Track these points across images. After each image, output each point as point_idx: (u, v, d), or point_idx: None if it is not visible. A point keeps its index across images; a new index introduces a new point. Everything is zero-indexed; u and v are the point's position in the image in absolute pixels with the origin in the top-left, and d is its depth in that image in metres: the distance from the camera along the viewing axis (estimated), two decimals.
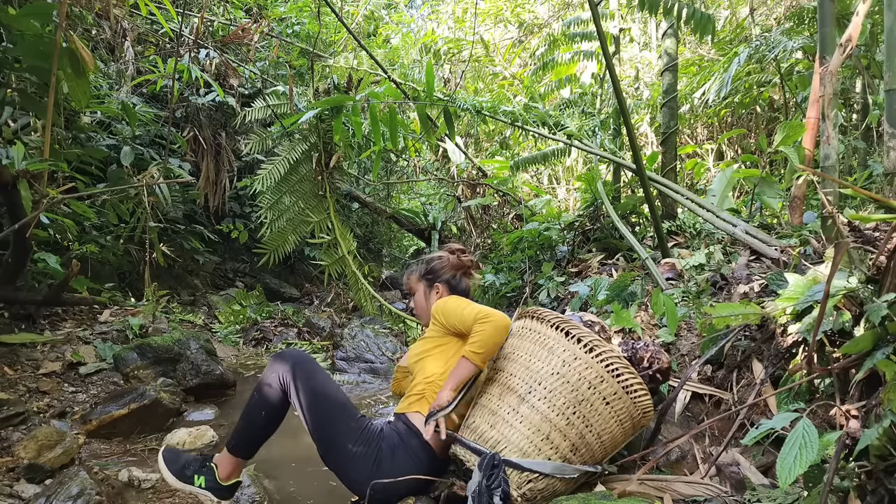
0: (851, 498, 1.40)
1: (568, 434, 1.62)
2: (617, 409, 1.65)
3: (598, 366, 1.61)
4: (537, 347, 1.68)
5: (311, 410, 1.71)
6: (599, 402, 1.62)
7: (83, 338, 3.48)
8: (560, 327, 1.66)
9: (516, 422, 1.62)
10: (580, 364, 1.62)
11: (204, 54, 5.47)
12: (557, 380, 1.62)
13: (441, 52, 7.63)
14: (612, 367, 1.61)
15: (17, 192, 2.92)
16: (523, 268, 4.61)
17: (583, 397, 1.62)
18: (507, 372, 1.71)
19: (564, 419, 1.61)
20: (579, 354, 1.62)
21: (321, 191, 5.19)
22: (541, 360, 1.66)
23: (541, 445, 1.61)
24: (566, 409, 1.61)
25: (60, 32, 2.68)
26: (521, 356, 1.70)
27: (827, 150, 2.32)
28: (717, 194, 3.92)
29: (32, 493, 2.00)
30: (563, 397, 1.62)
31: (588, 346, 1.62)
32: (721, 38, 6.50)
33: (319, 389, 1.73)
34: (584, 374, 1.61)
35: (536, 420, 1.62)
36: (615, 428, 1.68)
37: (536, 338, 1.70)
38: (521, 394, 1.65)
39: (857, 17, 2.35)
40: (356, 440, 1.66)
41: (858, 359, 1.56)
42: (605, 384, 1.62)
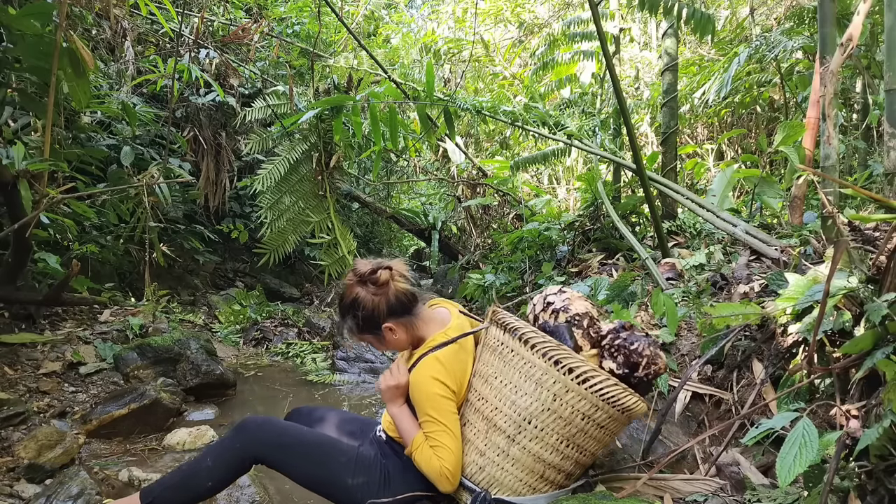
0: (851, 498, 1.40)
1: (563, 467, 1.53)
2: (612, 429, 1.56)
3: (592, 396, 1.45)
4: (523, 379, 1.48)
5: (298, 468, 1.62)
6: (594, 428, 1.50)
7: (83, 338, 3.48)
8: (548, 354, 1.45)
9: (507, 464, 1.50)
10: (573, 396, 1.45)
11: (204, 54, 5.47)
12: (549, 416, 1.47)
13: (441, 52, 7.62)
14: (607, 395, 1.45)
15: (17, 191, 2.92)
16: (523, 268, 4.61)
17: (577, 429, 1.48)
18: (489, 403, 1.53)
19: (559, 455, 1.50)
20: (572, 386, 1.44)
21: (321, 191, 5.19)
22: (528, 395, 1.47)
23: (535, 484, 1.52)
24: (560, 444, 1.49)
25: (60, 32, 2.68)
26: (505, 386, 1.51)
27: (827, 150, 2.32)
28: (718, 194, 3.92)
29: (32, 493, 2.00)
30: (556, 433, 1.48)
31: (581, 377, 1.44)
32: (721, 38, 6.50)
33: (296, 446, 1.62)
34: (577, 406, 1.45)
35: (529, 462, 1.50)
36: (608, 441, 1.61)
37: (520, 365, 1.49)
38: (509, 434, 1.50)
39: (857, 16, 2.35)
40: (353, 473, 1.58)
41: (858, 358, 1.56)
42: (599, 412, 1.47)
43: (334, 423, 1.86)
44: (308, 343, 4.98)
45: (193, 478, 1.61)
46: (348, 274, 1.72)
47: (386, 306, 1.65)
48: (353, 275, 1.69)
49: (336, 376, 4.09)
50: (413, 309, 1.69)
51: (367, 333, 1.71)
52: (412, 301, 1.70)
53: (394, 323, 1.67)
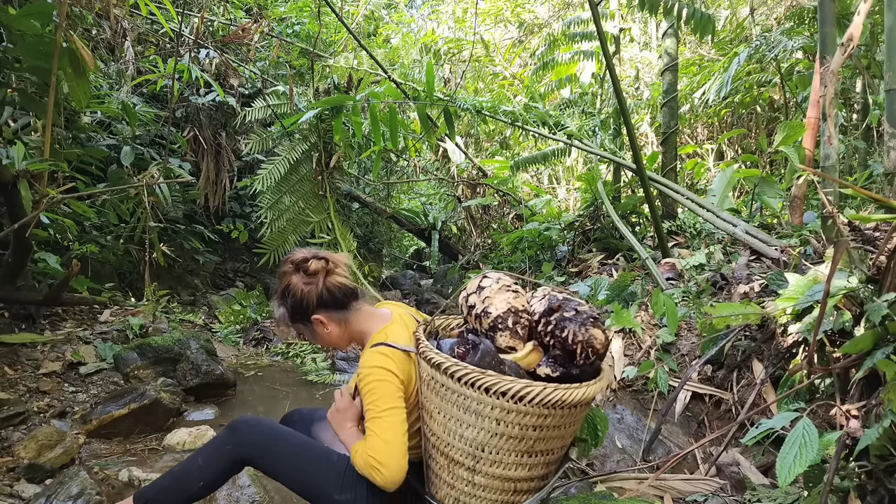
0: (851, 498, 1.40)
1: (534, 475, 1.49)
2: (572, 422, 1.49)
3: (535, 409, 1.38)
4: (462, 411, 1.43)
5: (287, 476, 1.60)
6: (550, 431, 1.44)
7: (83, 338, 3.48)
8: (476, 384, 1.37)
9: (478, 492, 1.49)
10: (515, 416, 1.38)
11: (204, 54, 5.47)
12: (499, 440, 1.42)
13: (441, 52, 7.63)
14: (549, 402, 1.37)
15: (17, 191, 2.92)
16: (523, 268, 4.61)
17: (533, 440, 1.43)
18: (441, 440, 1.50)
19: (524, 468, 1.46)
20: (510, 407, 1.37)
21: (321, 191, 5.19)
22: (473, 426, 1.43)
23: (511, 499, 1.50)
24: (521, 459, 1.45)
25: (60, 32, 2.68)
26: (449, 421, 1.46)
27: (827, 150, 2.32)
28: (718, 194, 3.92)
29: (33, 493, 2.00)
30: (513, 452, 1.43)
31: (517, 396, 1.36)
32: (721, 38, 6.50)
33: (286, 455, 1.58)
34: (523, 422, 1.39)
35: (497, 484, 1.47)
36: (575, 429, 1.54)
37: (454, 399, 1.43)
38: (468, 466, 1.47)
39: (857, 16, 2.35)
40: (341, 488, 1.55)
41: (858, 358, 1.56)
42: (549, 419, 1.41)
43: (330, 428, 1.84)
44: (308, 343, 4.98)
45: (185, 479, 1.59)
46: (286, 261, 1.69)
47: (316, 297, 1.62)
48: (289, 262, 1.67)
49: (336, 376, 4.09)
50: (348, 304, 1.65)
51: (298, 323, 1.67)
52: (347, 296, 1.65)
53: (324, 315, 1.63)
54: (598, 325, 1.47)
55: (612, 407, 2.43)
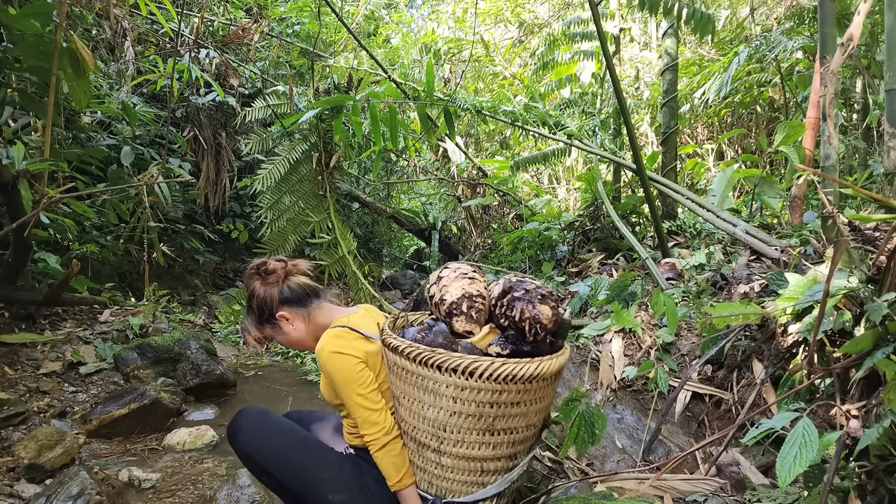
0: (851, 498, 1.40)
1: (499, 454, 1.51)
2: (533, 399, 1.49)
3: (488, 384, 1.40)
4: (420, 392, 1.47)
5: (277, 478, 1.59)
6: (509, 409, 1.46)
7: (83, 338, 3.48)
8: (429, 362, 1.42)
9: (446, 473, 1.51)
10: (470, 392, 1.42)
11: (204, 54, 5.47)
12: (458, 418, 1.45)
13: (441, 51, 7.63)
14: (500, 377, 1.39)
15: (17, 191, 2.92)
16: (523, 268, 4.61)
17: (492, 418, 1.45)
18: (409, 423, 1.55)
19: (488, 447, 1.49)
20: (463, 384, 1.41)
21: (321, 191, 5.19)
22: (432, 406, 1.47)
23: (479, 479, 1.52)
24: (483, 437, 1.47)
25: (60, 32, 2.68)
26: (413, 404, 1.51)
27: (827, 150, 2.32)
28: (718, 194, 3.92)
29: (33, 493, 2.00)
30: (474, 430, 1.46)
31: (468, 372, 1.39)
32: (721, 38, 6.50)
33: (278, 453, 1.58)
34: (478, 398, 1.42)
35: (463, 465, 1.50)
36: (539, 408, 1.54)
37: (413, 380, 1.48)
38: (433, 447, 1.50)
39: (857, 16, 2.35)
40: (335, 489, 1.56)
41: (859, 358, 1.56)
42: (504, 394, 1.43)
43: (329, 429, 1.84)
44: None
45: None
46: (247, 270, 1.76)
47: (279, 295, 1.69)
48: (250, 270, 1.74)
49: None
50: (310, 300, 1.71)
51: (265, 324, 1.72)
52: (310, 294, 1.72)
53: (288, 312, 1.69)
54: (547, 302, 1.51)
55: (612, 407, 2.43)
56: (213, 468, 2.29)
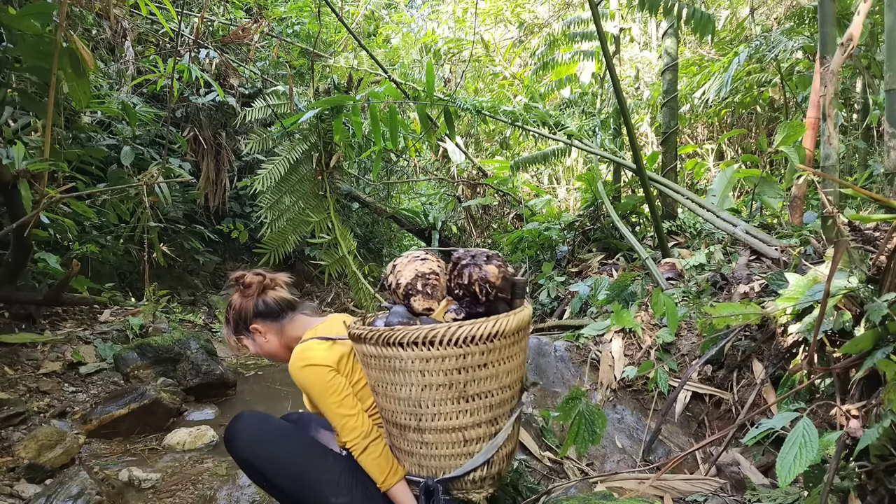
0: (851, 498, 1.40)
1: (480, 419, 1.51)
2: (499, 359, 1.49)
3: (449, 349, 1.43)
4: (390, 374, 1.50)
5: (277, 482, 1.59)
6: (478, 372, 1.47)
7: (83, 338, 3.48)
8: (389, 340, 1.45)
9: (432, 451, 1.52)
10: (434, 362, 1.44)
11: (204, 54, 5.47)
12: (429, 391, 1.46)
13: (441, 51, 7.62)
14: (458, 339, 1.41)
15: (17, 191, 2.92)
16: (524, 268, 4.61)
17: (463, 383, 1.46)
18: (388, 410, 1.57)
19: (467, 415, 1.49)
20: (425, 354, 1.43)
21: (321, 191, 5.19)
22: (404, 386, 1.49)
23: (465, 450, 1.52)
24: (458, 405, 1.48)
25: (60, 32, 2.68)
26: (387, 389, 1.53)
27: (827, 150, 2.32)
28: (718, 194, 3.92)
29: (33, 493, 2.00)
30: (449, 400, 1.47)
31: (427, 341, 1.42)
32: (721, 38, 6.50)
33: (277, 458, 1.58)
34: (444, 366, 1.44)
35: (446, 438, 1.50)
36: (510, 368, 1.53)
37: (381, 364, 1.51)
38: (414, 427, 1.52)
39: (857, 16, 2.35)
40: (336, 492, 1.57)
41: (859, 358, 1.56)
42: (468, 357, 1.44)
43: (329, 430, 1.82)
44: None
45: None
46: (228, 280, 1.83)
47: (253, 308, 1.74)
48: (231, 280, 1.81)
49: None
50: (283, 315, 1.76)
51: (239, 334, 1.78)
52: (284, 308, 1.77)
53: (261, 324, 1.75)
54: (493, 262, 1.56)
55: (612, 407, 2.43)
56: (213, 468, 2.29)
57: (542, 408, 2.43)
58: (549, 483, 2.02)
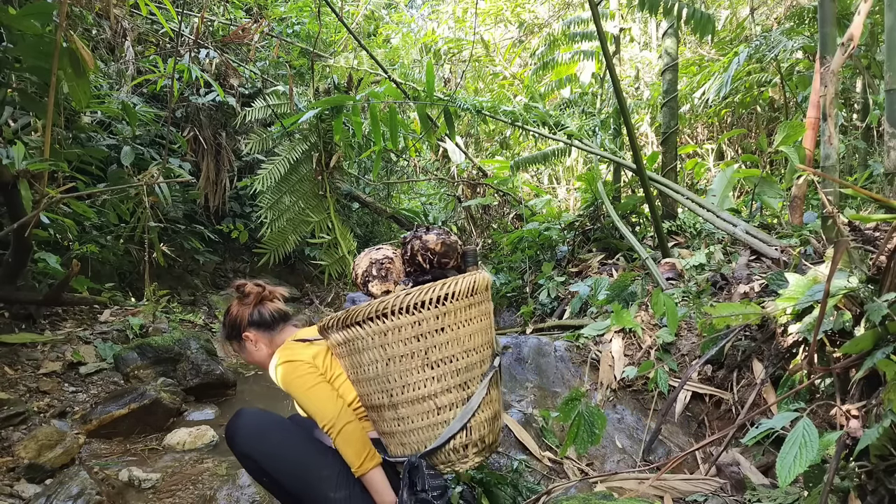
0: (852, 498, 1.40)
1: (448, 385, 1.51)
2: (456, 322, 1.50)
3: (404, 318, 1.45)
4: (357, 357, 1.54)
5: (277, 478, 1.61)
6: (436, 337, 1.48)
7: (83, 338, 3.48)
8: (347, 321, 1.51)
9: (409, 425, 1.53)
10: (392, 334, 1.47)
11: (204, 54, 5.47)
12: (394, 364, 1.49)
13: (441, 51, 7.62)
14: (409, 305, 1.44)
15: (17, 191, 2.92)
16: (523, 268, 4.61)
17: (424, 350, 1.47)
18: (363, 396, 1.60)
19: (434, 382, 1.49)
20: (381, 327, 1.47)
21: (321, 191, 5.19)
22: (370, 363, 1.52)
23: (440, 418, 1.51)
24: (424, 373, 1.49)
25: (60, 32, 2.68)
26: (358, 373, 1.57)
27: (827, 150, 2.32)
28: (718, 194, 3.92)
29: (33, 493, 2.00)
30: (414, 370, 1.49)
31: (380, 313, 1.46)
32: (721, 38, 6.51)
33: (277, 454, 1.61)
34: (402, 336, 1.47)
35: (419, 409, 1.51)
36: (471, 331, 1.53)
37: (348, 349, 1.55)
38: (387, 404, 1.54)
39: (858, 16, 2.35)
40: (336, 487, 1.58)
41: (859, 358, 1.56)
42: (424, 323, 1.46)
43: None
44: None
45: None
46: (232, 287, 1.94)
47: (249, 317, 1.83)
48: (233, 287, 1.91)
49: None
50: (276, 325, 1.84)
51: (232, 339, 1.87)
52: (278, 319, 1.85)
53: (253, 333, 1.82)
54: (432, 232, 1.66)
55: (612, 407, 2.43)
56: (213, 468, 2.29)
57: (542, 408, 2.43)
58: (549, 483, 2.02)
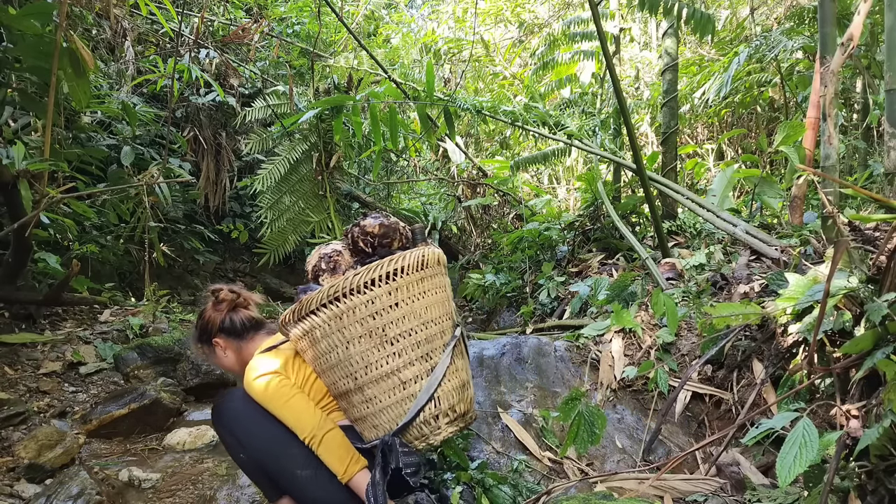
0: (851, 498, 1.40)
1: (410, 358, 1.51)
2: (409, 296, 1.51)
3: (356, 298, 1.47)
4: (317, 345, 1.56)
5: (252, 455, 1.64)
6: (390, 314, 1.49)
7: (83, 338, 3.48)
8: (302, 312, 1.53)
9: (377, 405, 1.53)
10: (347, 317, 1.48)
11: (204, 54, 5.47)
12: (354, 346, 1.50)
13: (441, 51, 7.62)
14: (361, 284, 1.46)
15: (17, 191, 2.92)
16: (523, 267, 4.61)
17: (380, 327, 1.49)
18: (332, 385, 1.61)
19: (396, 357, 1.50)
20: (336, 312, 1.49)
21: (321, 190, 5.19)
22: (331, 350, 1.54)
23: (406, 393, 1.52)
24: (383, 350, 1.50)
25: (60, 32, 2.68)
26: (323, 364, 1.58)
27: (827, 150, 2.32)
28: (718, 194, 3.92)
29: (33, 493, 2.00)
30: (374, 348, 1.50)
31: (332, 298, 1.48)
32: (721, 38, 6.51)
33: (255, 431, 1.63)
34: (357, 317, 1.49)
35: (383, 386, 1.51)
36: (427, 304, 1.54)
37: (309, 341, 1.56)
38: (353, 388, 1.54)
39: (858, 16, 2.35)
40: (303, 465, 1.59)
41: (859, 358, 1.56)
42: (377, 301, 1.48)
43: None
44: None
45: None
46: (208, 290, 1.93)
47: (220, 322, 1.82)
48: (209, 290, 1.91)
49: None
50: (246, 334, 1.83)
51: (202, 343, 1.87)
52: (249, 327, 1.84)
53: (223, 340, 1.82)
54: (369, 217, 1.71)
55: (612, 407, 2.43)
56: (213, 468, 2.29)
57: (542, 408, 2.43)
58: (549, 483, 2.02)
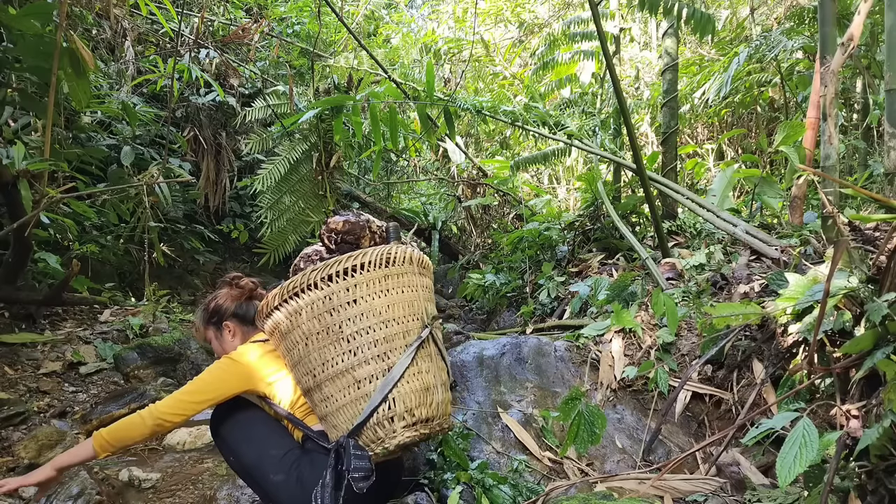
0: (852, 498, 1.40)
1: (366, 357, 1.49)
2: (369, 293, 1.50)
3: (314, 293, 1.47)
4: (286, 343, 1.56)
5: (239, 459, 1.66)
6: (346, 311, 1.48)
7: (83, 337, 3.48)
8: (269, 310, 1.56)
9: (334, 407, 1.51)
10: (305, 313, 1.48)
11: (204, 54, 5.47)
12: (312, 342, 1.49)
13: (441, 51, 7.62)
14: (319, 279, 1.46)
15: (17, 191, 2.92)
16: (523, 267, 4.61)
17: (338, 324, 1.48)
18: (298, 382, 1.62)
19: (351, 355, 1.48)
20: (295, 307, 1.49)
21: (321, 191, 5.19)
22: (294, 347, 1.54)
23: (360, 392, 1.49)
24: (339, 347, 1.48)
25: (60, 32, 2.68)
26: (290, 360, 1.59)
27: (827, 150, 2.32)
28: (718, 194, 3.92)
29: (33, 493, 2.00)
30: (330, 345, 1.48)
31: (291, 294, 1.49)
32: (721, 38, 6.51)
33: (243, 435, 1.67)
34: (313, 312, 1.49)
35: (338, 384, 1.49)
36: (388, 302, 1.52)
37: (277, 336, 1.57)
38: (313, 386, 1.53)
39: (858, 16, 2.35)
40: (276, 469, 1.61)
41: (859, 358, 1.56)
42: (335, 297, 1.47)
43: None
44: None
45: None
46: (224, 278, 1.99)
47: (234, 306, 1.88)
48: (226, 278, 1.96)
49: None
50: (252, 325, 1.85)
51: (210, 325, 1.90)
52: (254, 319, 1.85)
53: (233, 323, 1.88)
54: (338, 215, 1.74)
55: (612, 407, 2.43)
56: (213, 468, 2.29)
57: (542, 408, 2.43)
58: (549, 483, 2.02)
